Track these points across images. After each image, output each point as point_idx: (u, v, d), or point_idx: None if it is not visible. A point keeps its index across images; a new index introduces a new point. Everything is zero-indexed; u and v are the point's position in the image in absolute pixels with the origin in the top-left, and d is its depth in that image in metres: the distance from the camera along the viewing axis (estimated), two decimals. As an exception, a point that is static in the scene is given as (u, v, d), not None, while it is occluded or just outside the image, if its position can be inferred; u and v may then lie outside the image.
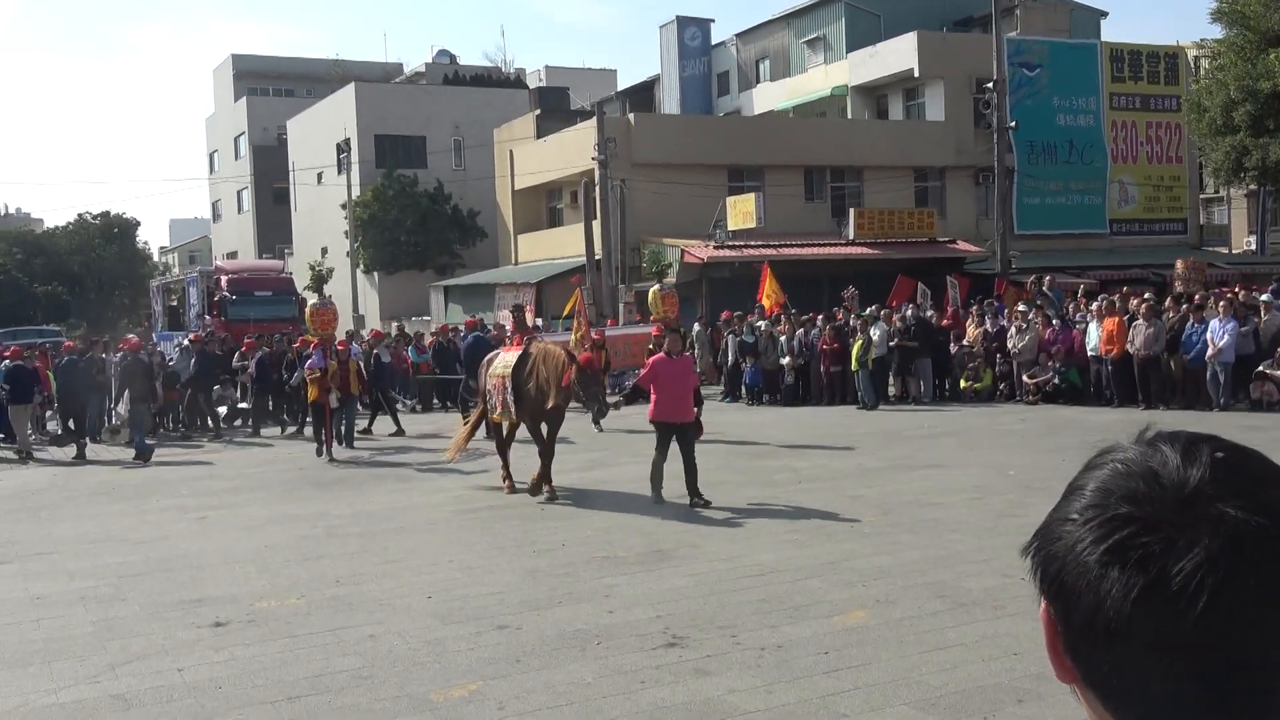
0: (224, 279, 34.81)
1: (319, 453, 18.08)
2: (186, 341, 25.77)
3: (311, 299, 19.45)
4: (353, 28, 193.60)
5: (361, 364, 21.45)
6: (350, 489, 14.80)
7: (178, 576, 9.98)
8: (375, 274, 50.28)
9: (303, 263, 54.04)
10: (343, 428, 19.21)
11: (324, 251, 55.06)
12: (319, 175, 53.63)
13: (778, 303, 26.99)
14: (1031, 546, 1.07)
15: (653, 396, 12.57)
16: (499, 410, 13.65)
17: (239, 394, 24.69)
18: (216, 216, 73.84)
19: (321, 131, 54.35)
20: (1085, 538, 0.99)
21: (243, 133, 65.89)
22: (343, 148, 50.82)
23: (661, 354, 12.97)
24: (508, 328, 30.44)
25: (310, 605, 8.76)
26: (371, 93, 53.51)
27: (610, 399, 13.54)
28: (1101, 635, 0.97)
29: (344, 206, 48.48)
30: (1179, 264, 26.90)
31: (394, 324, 41.04)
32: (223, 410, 24.25)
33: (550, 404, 13.02)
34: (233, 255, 62.53)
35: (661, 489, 12.47)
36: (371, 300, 50.50)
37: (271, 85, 70.29)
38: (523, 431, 14.03)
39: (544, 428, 13.51)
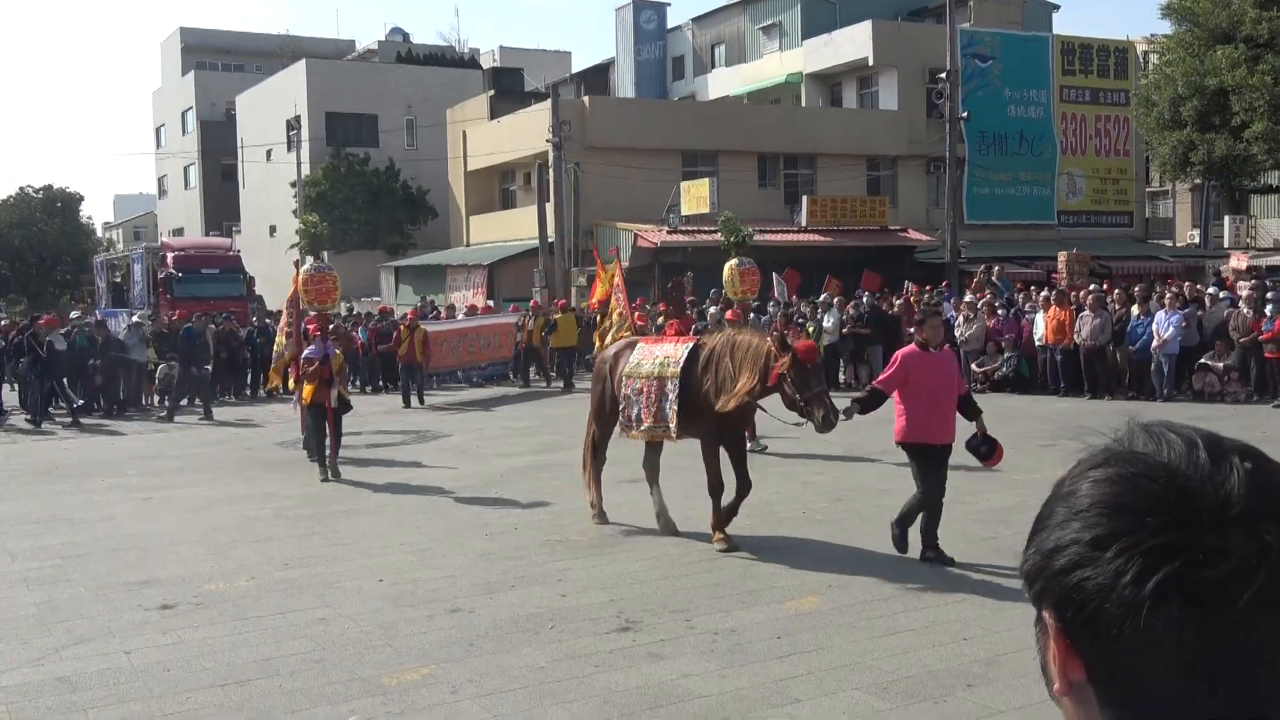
0: (170, 256, 34.28)
1: (324, 473, 13.67)
2: (134, 318, 25.36)
3: (306, 263, 15.30)
4: (304, 3, 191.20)
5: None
6: (300, 470, 14.65)
7: (124, 557, 9.83)
8: (325, 253, 49.76)
9: (250, 240, 53.61)
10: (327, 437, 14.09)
11: (272, 230, 54.44)
12: (268, 152, 52.95)
13: (601, 300, 27.66)
14: (1033, 568, 1.01)
15: (898, 407, 8.89)
16: (645, 425, 10.03)
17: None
18: (163, 192, 72.67)
19: (271, 108, 53.67)
20: (1127, 570, 0.93)
21: (190, 107, 64.87)
22: (293, 124, 50.21)
23: (912, 347, 9.08)
24: (465, 309, 30.29)
25: (259, 588, 8.67)
26: (323, 69, 52.90)
27: (842, 406, 9.10)
28: (1153, 666, 0.94)
29: (294, 184, 47.92)
30: (1061, 256, 27.43)
31: (343, 304, 40.68)
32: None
33: (731, 405, 9.39)
34: (179, 232, 61.63)
35: (908, 532, 9.10)
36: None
37: (220, 60, 69.21)
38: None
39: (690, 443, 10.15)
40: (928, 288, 27.61)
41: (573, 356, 25.97)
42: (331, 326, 16.02)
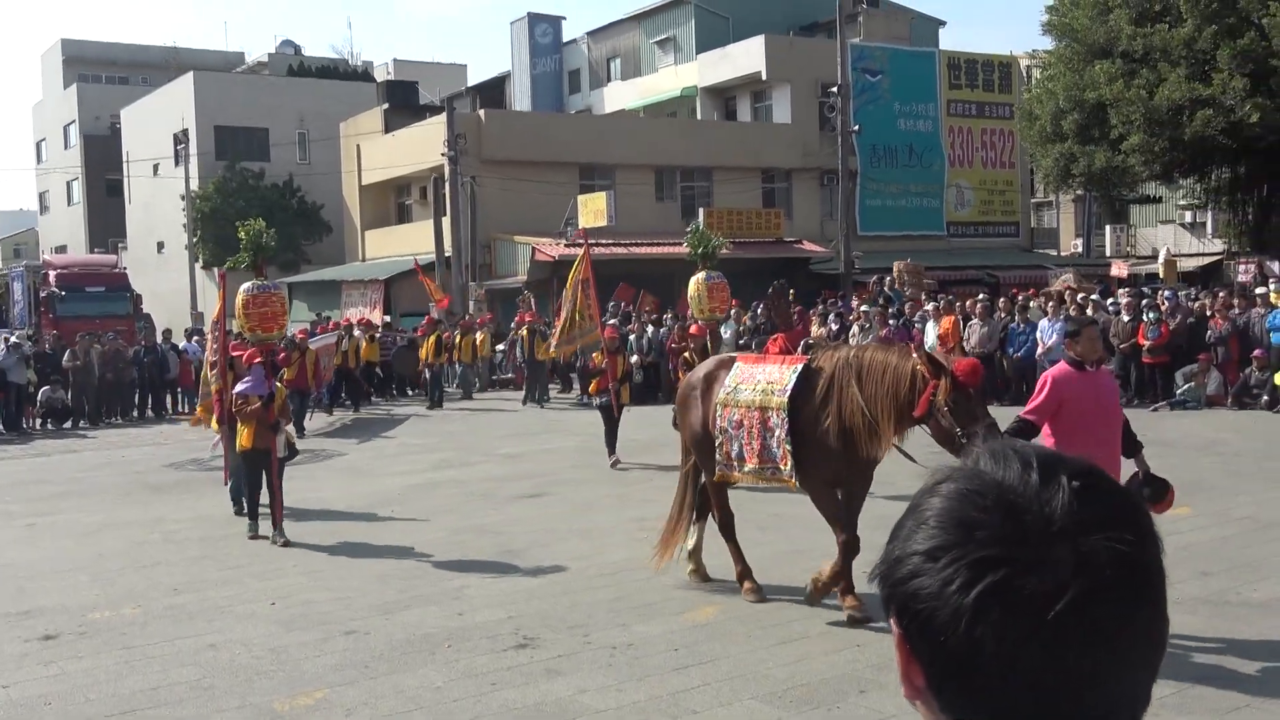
0: (52, 274, 33.26)
1: (254, 528, 11.24)
2: (12, 338, 24.53)
3: (245, 284, 11.86)
4: (192, 16, 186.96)
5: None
6: (190, 493, 14.31)
7: (3, 588, 9.50)
8: (215, 270, 48.72)
9: (137, 257, 52.23)
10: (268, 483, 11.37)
11: (160, 246, 53.10)
12: (155, 167, 51.68)
13: (443, 301, 28.68)
14: (881, 575, 1.06)
15: (1049, 440, 6.90)
16: (750, 466, 8.16)
17: (68, 394, 23.63)
18: (44, 208, 70.40)
19: (158, 121, 52.38)
20: (954, 580, 0.98)
21: (73, 121, 62.99)
22: (180, 138, 49.08)
23: (1063, 365, 7.18)
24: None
25: (147, 615, 8.45)
26: (211, 82, 51.82)
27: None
28: (974, 673, 0.98)
29: (183, 198, 46.83)
30: (896, 266, 28.25)
31: (233, 322, 39.81)
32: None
33: (876, 450, 7.54)
34: (62, 249, 59.74)
35: None
36: (212, 296, 48.86)
37: (104, 72, 67.31)
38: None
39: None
40: (824, 293, 28.06)
41: (440, 374, 25.47)
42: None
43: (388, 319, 33.83)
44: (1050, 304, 21.00)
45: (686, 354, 14.73)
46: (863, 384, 7.43)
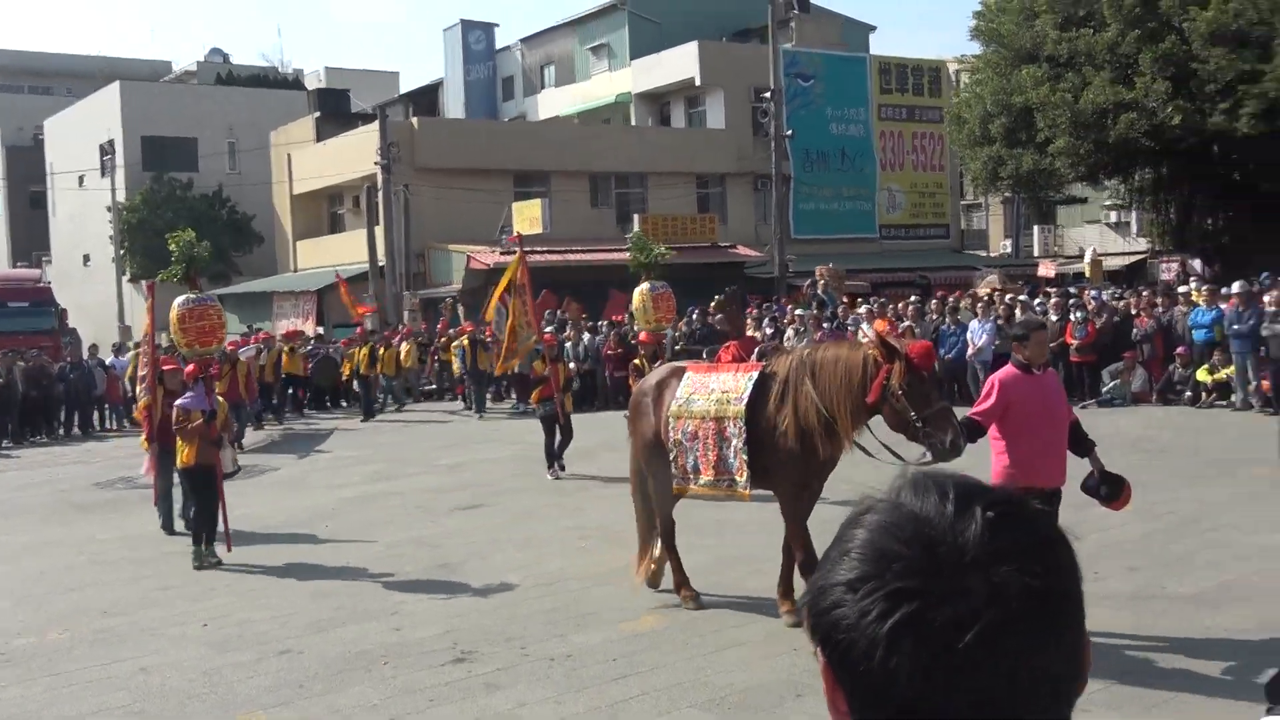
0: (-28, 289, 32.45)
1: (200, 557, 10.62)
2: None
3: (180, 297, 11.03)
4: (118, 23, 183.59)
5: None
6: (118, 512, 14.04)
7: (-77, 615, 9.25)
8: (143, 282, 47.88)
9: (62, 271, 51.18)
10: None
11: (86, 259, 52.09)
12: (80, 178, 50.66)
13: (369, 309, 28.92)
14: (807, 605, 1.08)
15: (997, 444, 7.06)
16: (705, 479, 7.99)
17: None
18: (-36, 222, 68.80)
19: (83, 132, 51.39)
20: (870, 611, 1.00)
21: (-7, 132, 61.65)
22: (106, 149, 48.21)
23: (1010, 368, 7.27)
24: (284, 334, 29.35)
25: (75, 640, 8.28)
26: (138, 92, 50.94)
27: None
28: (890, 702, 1.00)
29: (110, 209, 45.99)
30: (819, 270, 28.69)
31: (164, 335, 39.16)
32: None
33: (835, 448, 7.41)
34: (-17, 263, 58.43)
35: None
36: (140, 309, 48.03)
37: (27, 82, 66.00)
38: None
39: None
40: (756, 299, 28.24)
41: (372, 384, 25.18)
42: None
43: (320, 330, 33.40)
44: (979, 305, 21.27)
45: (637, 360, 14.62)
46: (817, 380, 7.29)
